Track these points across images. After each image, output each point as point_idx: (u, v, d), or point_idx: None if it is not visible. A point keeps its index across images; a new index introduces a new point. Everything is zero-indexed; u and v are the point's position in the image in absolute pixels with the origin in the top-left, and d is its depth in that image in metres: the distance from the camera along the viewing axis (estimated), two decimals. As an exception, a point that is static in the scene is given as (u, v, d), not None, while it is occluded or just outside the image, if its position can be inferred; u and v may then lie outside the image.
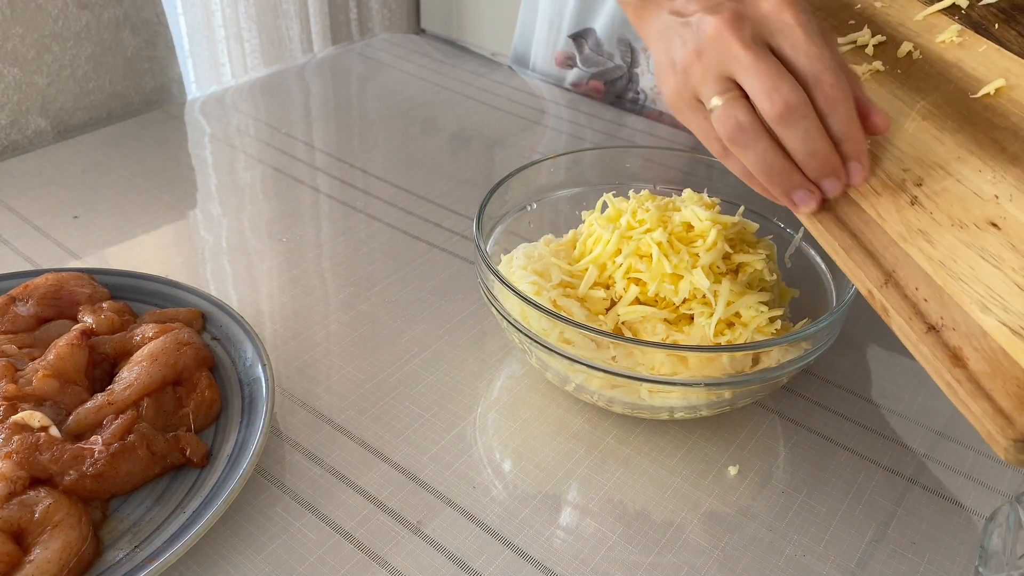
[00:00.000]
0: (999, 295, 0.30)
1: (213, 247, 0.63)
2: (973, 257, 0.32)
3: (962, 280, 0.32)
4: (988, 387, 0.29)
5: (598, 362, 0.44)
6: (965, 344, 0.30)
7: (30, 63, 0.77)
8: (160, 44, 0.88)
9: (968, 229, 0.33)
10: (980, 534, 0.36)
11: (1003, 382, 0.28)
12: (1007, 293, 0.30)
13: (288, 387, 0.51)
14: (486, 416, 0.50)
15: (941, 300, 0.32)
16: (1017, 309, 0.30)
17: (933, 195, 0.36)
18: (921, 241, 0.34)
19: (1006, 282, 0.31)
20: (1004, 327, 0.29)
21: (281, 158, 0.75)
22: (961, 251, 0.33)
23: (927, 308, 0.32)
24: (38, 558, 0.37)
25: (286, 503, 0.44)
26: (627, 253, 0.47)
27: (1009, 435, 0.27)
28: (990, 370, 0.29)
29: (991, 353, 0.29)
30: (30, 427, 0.41)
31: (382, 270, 0.61)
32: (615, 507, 0.44)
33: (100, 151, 0.75)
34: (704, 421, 0.49)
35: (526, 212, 0.57)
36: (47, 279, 0.51)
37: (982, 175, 0.35)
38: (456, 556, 0.41)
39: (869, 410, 0.51)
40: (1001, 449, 0.27)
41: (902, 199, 0.36)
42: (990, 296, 0.31)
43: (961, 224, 0.34)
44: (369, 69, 0.95)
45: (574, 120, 0.86)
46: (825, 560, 0.42)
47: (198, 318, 0.51)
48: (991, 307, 0.30)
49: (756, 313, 0.46)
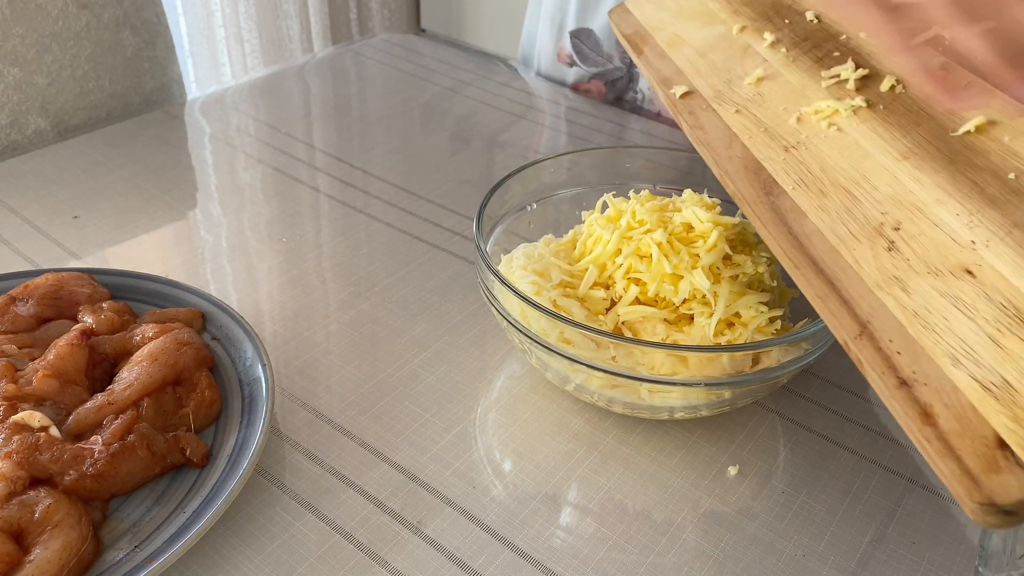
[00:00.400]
0: (971, 348, 0.30)
1: (213, 247, 0.63)
2: (947, 307, 0.31)
3: (935, 331, 0.31)
4: (957, 447, 0.28)
5: (598, 362, 0.44)
6: (936, 400, 0.29)
7: (30, 63, 0.77)
8: (160, 44, 0.88)
9: (944, 277, 0.32)
10: (980, 534, 0.36)
11: (972, 441, 0.27)
12: (979, 346, 0.29)
13: (288, 387, 0.51)
14: (486, 416, 0.50)
15: (914, 353, 0.31)
16: (988, 363, 0.29)
17: (910, 239, 0.35)
18: (896, 289, 0.33)
19: (979, 334, 0.30)
20: (975, 382, 0.29)
21: (281, 158, 0.75)
22: (936, 300, 0.32)
23: (899, 361, 0.31)
24: (38, 558, 0.37)
25: (286, 503, 0.44)
26: (627, 253, 0.47)
27: (976, 498, 0.26)
28: (959, 428, 0.28)
29: (961, 410, 0.28)
30: (30, 427, 0.41)
31: (382, 270, 0.61)
32: (615, 507, 0.44)
33: (100, 151, 0.75)
34: (704, 421, 0.49)
35: (526, 212, 0.57)
36: (47, 279, 0.51)
37: (959, 219, 0.34)
38: (456, 556, 0.41)
39: (869, 410, 0.51)
40: (969, 511, 0.26)
41: (879, 244, 0.35)
42: (962, 349, 0.30)
43: (937, 271, 0.33)
44: (369, 69, 0.95)
45: (574, 120, 0.86)
46: (825, 560, 0.42)
47: (198, 318, 0.51)
48: (963, 361, 0.29)
49: (756, 313, 0.46)
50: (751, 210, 0.41)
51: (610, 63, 0.90)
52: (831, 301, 0.35)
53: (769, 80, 0.48)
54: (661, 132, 0.83)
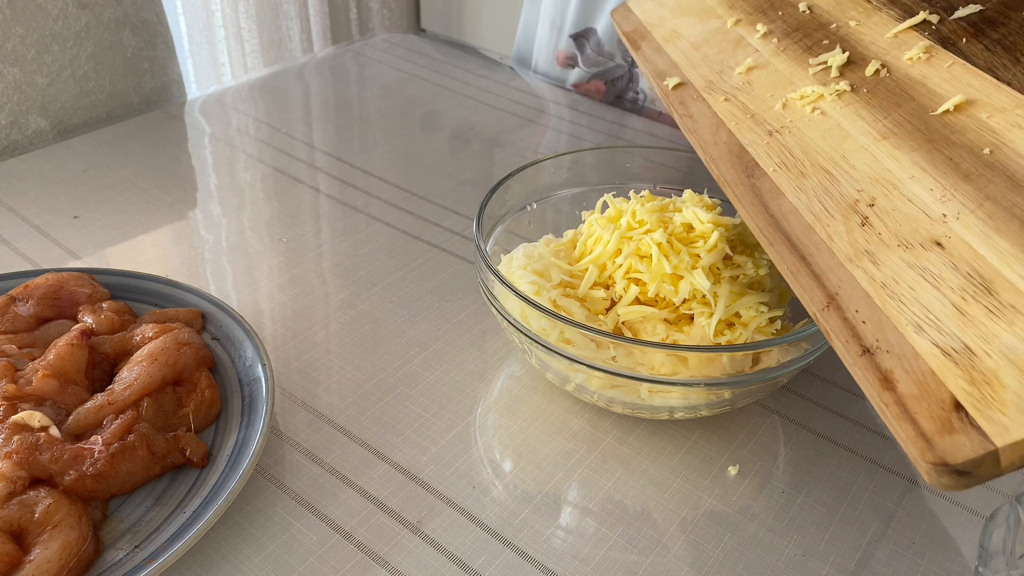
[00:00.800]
0: (935, 316, 0.30)
1: (213, 247, 0.63)
2: (915, 278, 0.32)
3: (901, 301, 0.32)
4: (913, 410, 0.28)
5: (598, 362, 0.44)
6: (896, 366, 0.30)
7: (30, 63, 0.77)
8: (160, 44, 0.88)
9: (913, 249, 0.33)
10: (980, 534, 0.36)
11: (928, 404, 0.28)
12: (943, 314, 0.30)
13: (288, 387, 0.51)
14: (486, 416, 0.50)
15: (879, 322, 0.32)
16: (950, 330, 0.29)
17: (883, 214, 0.35)
18: (867, 263, 0.34)
19: (943, 302, 0.31)
20: (936, 348, 0.29)
21: (281, 158, 0.75)
22: (904, 272, 0.32)
23: (864, 330, 0.32)
24: (38, 558, 0.37)
25: (286, 503, 0.44)
26: (627, 253, 0.47)
27: (928, 458, 0.27)
28: (918, 392, 0.29)
29: (920, 375, 0.29)
30: (30, 427, 0.41)
31: (382, 270, 0.61)
32: (615, 507, 0.44)
33: (100, 151, 0.75)
34: (704, 421, 0.49)
35: (526, 212, 0.57)
36: (47, 279, 0.51)
37: (932, 193, 0.35)
38: (456, 556, 0.41)
39: (869, 410, 0.51)
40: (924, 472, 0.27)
41: (853, 220, 0.36)
42: (927, 317, 0.30)
43: (907, 244, 0.33)
44: (369, 69, 0.95)
45: (574, 120, 0.86)
46: (825, 560, 0.42)
47: (198, 318, 0.51)
48: (926, 328, 0.30)
49: (756, 313, 0.46)
50: (732, 192, 0.42)
51: (611, 62, 0.90)
52: (802, 275, 0.36)
53: (759, 69, 0.48)
54: (662, 132, 0.83)
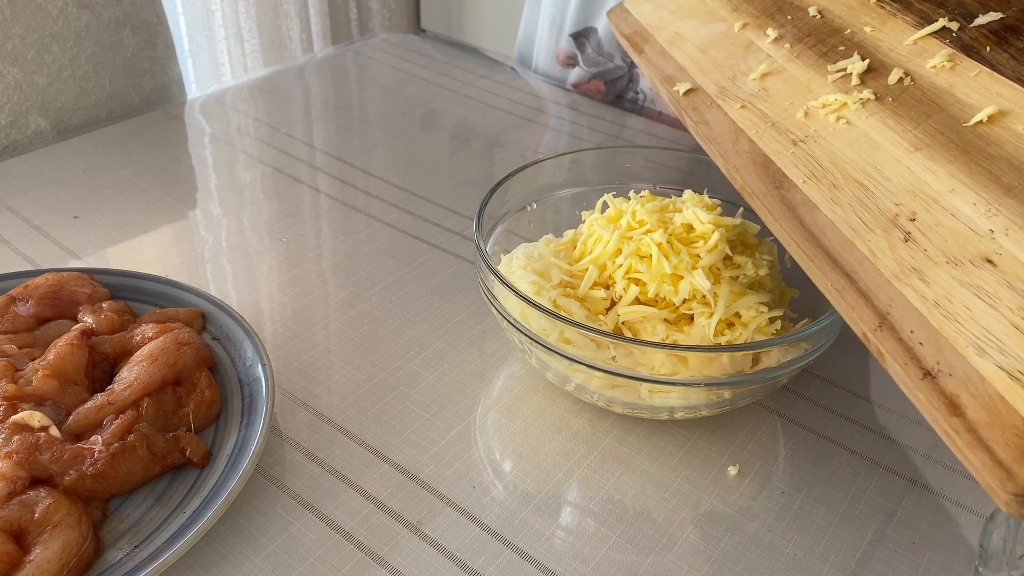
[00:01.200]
0: (996, 337, 0.29)
1: (213, 247, 0.63)
2: (969, 297, 0.31)
3: (957, 321, 0.30)
4: (986, 437, 0.27)
5: (598, 362, 0.44)
6: (962, 391, 0.29)
7: (30, 63, 0.77)
8: (160, 44, 0.88)
9: (963, 266, 0.32)
10: (980, 534, 0.36)
11: (1002, 431, 0.27)
12: (1004, 335, 0.29)
13: (288, 387, 0.51)
14: (486, 416, 0.50)
15: (937, 344, 0.30)
16: (1015, 352, 0.28)
17: (927, 229, 0.34)
18: (915, 280, 0.33)
19: (1003, 323, 0.29)
20: (1001, 371, 0.28)
21: (281, 158, 0.75)
22: (956, 290, 0.31)
23: (922, 352, 0.31)
24: (38, 558, 0.37)
25: (286, 503, 0.44)
26: (627, 253, 0.47)
27: (1009, 489, 0.26)
28: (988, 418, 0.27)
29: (989, 400, 0.28)
30: (30, 427, 0.41)
31: (382, 270, 0.61)
32: (615, 507, 0.44)
33: (100, 151, 0.75)
34: (704, 421, 0.49)
35: (526, 212, 0.57)
36: (47, 279, 0.51)
37: (976, 208, 0.34)
38: (456, 556, 0.41)
39: (869, 410, 0.51)
40: (1003, 503, 0.26)
41: (895, 235, 0.35)
42: (987, 339, 0.29)
43: (956, 261, 0.32)
44: (369, 69, 0.95)
45: (574, 120, 0.86)
46: (825, 560, 0.42)
47: (198, 318, 0.51)
48: (988, 350, 0.29)
49: (756, 313, 0.46)
50: (761, 204, 0.40)
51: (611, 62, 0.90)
52: (848, 293, 0.34)
53: (774, 75, 0.47)
54: (662, 132, 0.83)
